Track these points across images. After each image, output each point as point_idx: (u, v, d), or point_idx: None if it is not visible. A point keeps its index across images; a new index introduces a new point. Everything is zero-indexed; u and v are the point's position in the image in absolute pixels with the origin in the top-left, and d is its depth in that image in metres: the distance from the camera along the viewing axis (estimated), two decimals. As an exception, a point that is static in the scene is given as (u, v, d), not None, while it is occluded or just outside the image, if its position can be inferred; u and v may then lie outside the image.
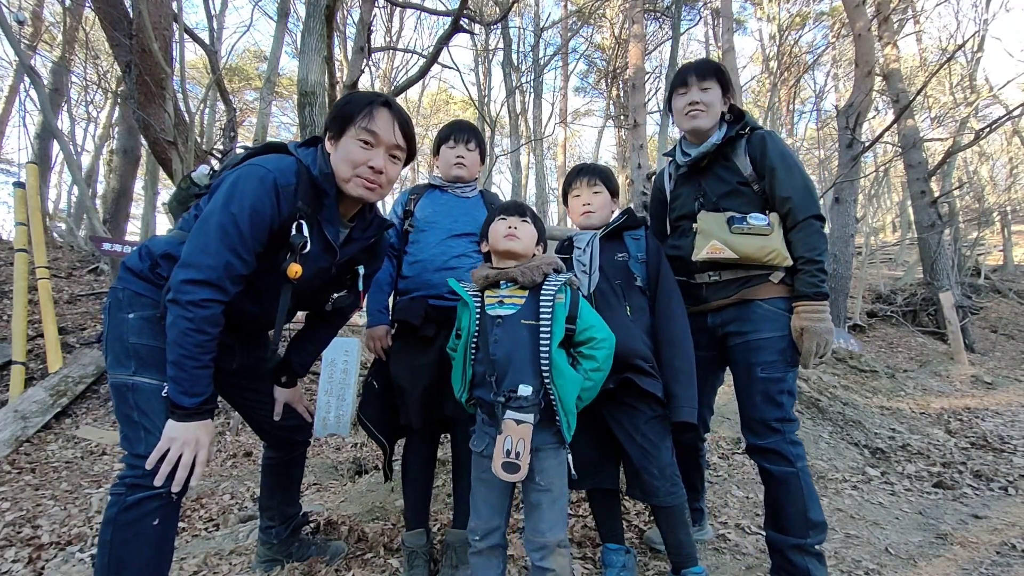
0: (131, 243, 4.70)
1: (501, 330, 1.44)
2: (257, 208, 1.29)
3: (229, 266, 1.27)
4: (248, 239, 1.29)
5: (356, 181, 1.41)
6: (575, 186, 1.95)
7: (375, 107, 1.41)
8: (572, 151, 24.28)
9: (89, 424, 3.90)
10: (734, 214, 1.73)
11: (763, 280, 1.72)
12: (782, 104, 18.68)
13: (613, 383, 1.63)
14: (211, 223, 1.27)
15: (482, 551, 1.46)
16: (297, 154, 1.43)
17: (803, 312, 1.64)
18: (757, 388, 1.69)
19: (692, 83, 1.82)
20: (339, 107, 1.44)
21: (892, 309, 10.51)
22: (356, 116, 1.39)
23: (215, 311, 1.26)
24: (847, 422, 3.82)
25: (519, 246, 1.53)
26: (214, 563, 1.97)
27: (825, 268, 1.65)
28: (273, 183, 1.32)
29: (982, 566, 2.01)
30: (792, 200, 1.67)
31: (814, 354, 1.63)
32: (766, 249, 1.66)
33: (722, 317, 1.80)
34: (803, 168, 1.75)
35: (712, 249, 1.71)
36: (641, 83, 9.10)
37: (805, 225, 1.66)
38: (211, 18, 7.52)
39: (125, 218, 9.07)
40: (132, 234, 12.76)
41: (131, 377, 1.30)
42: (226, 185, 1.32)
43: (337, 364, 3.66)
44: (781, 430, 1.67)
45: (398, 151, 1.46)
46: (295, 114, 7.63)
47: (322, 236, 1.44)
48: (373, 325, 1.96)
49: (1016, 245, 16.98)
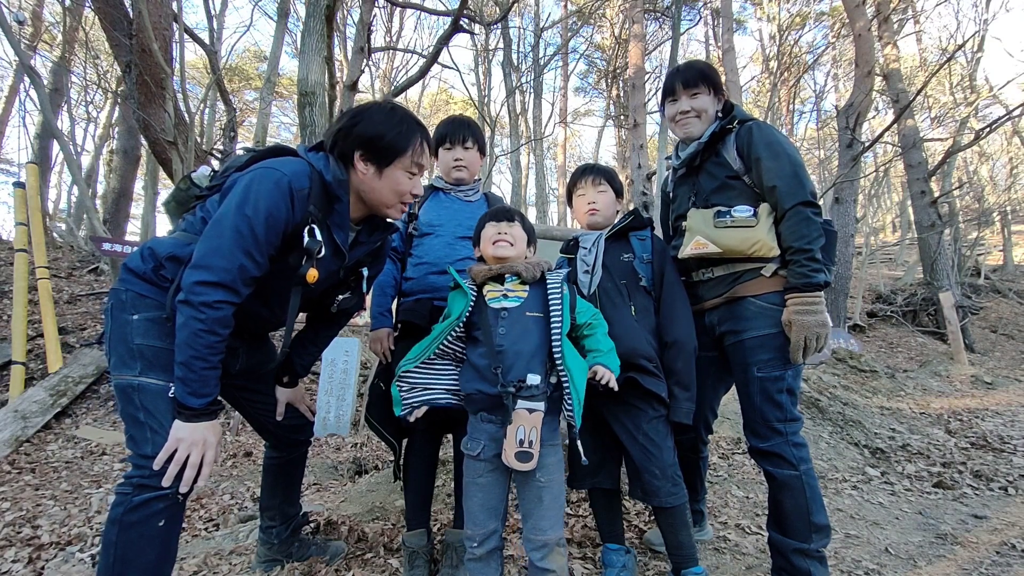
0: (131, 243, 4.70)
1: (507, 322, 1.47)
2: (272, 211, 1.30)
3: (243, 268, 1.28)
4: (262, 242, 1.30)
5: (398, 207, 1.49)
6: (580, 186, 1.95)
7: (418, 139, 1.46)
8: (572, 151, 24.29)
9: (89, 424, 3.90)
10: (721, 208, 1.70)
11: (755, 275, 1.67)
12: (782, 104, 18.66)
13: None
14: (225, 225, 1.28)
15: (480, 556, 1.46)
16: (308, 158, 1.44)
17: (792, 304, 1.58)
18: (755, 388, 1.66)
19: (680, 91, 1.80)
20: (379, 136, 1.42)
21: (892, 309, 10.51)
22: (407, 150, 1.43)
23: (227, 313, 1.27)
24: (847, 422, 3.82)
25: (511, 252, 1.57)
26: (214, 563, 1.97)
27: (816, 256, 1.57)
28: (288, 187, 1.33)
29: (982, 566, 2.01)
30: (778, 188, 1.61)
31: (803, 349, 1.57)
32: (749, 241, 1.62)
33: (717, 316, 1.77)
34: (794, 154, 1.67)
35: (695, 245, 1.69)
36: (641, 83, 9.09)
37: (792, 213, 1.60)
38: (211, 18, 7.52)
39: (125, 218, 9.08)
40: (132, 234, 12.78)
41: (137, 378, 1.31)
42: (240, 187, 1.32)
43: (337, 364, 3.66)
44: (783, 431, 1.63)
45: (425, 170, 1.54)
46: (295, 114, 7.63)
47: (332, 240, 1.45)
48: (376, 328, 1.97)
49: (1016, 245, 16.99)
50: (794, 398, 1.66)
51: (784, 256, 1.63)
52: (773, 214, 1.65)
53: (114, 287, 1.39)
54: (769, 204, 1.66)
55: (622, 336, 1.64)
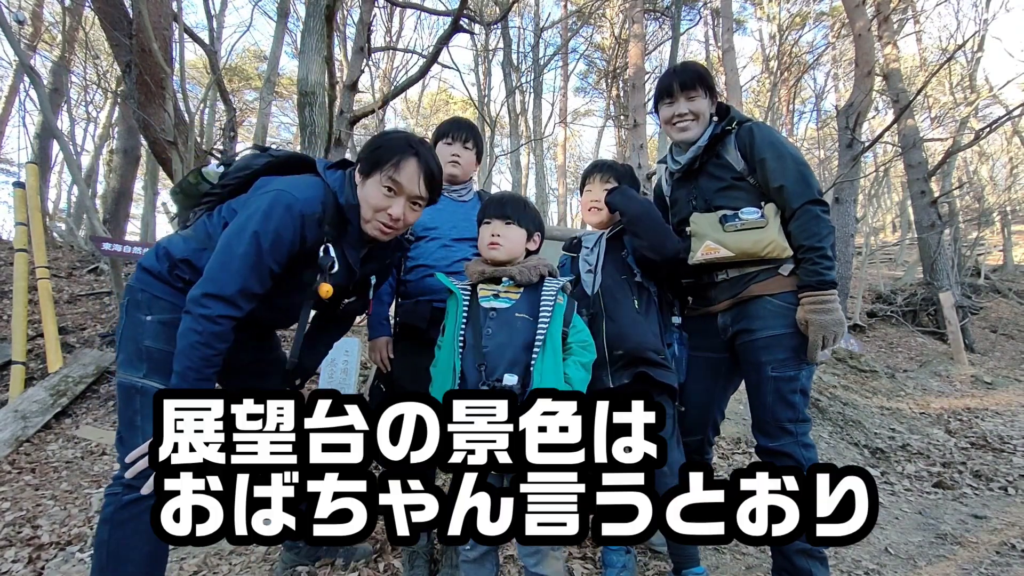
0: (131, 243, 4.70)
1: (495, 323, 1.47)
2: (281, 235, 1.34)
3: (246, 286, 1.31)
4: (268, 264, 1.34)
5: (374, 223, 1.46)
6: (590, 181, 1.95)
7: (405, 158, 1.42)
8: (572, 151, 24.28)
9: (89, 424, 3.90)
10: (726, 212, 1.68)
11: (772, 274, 1.66)
12: (782, 104, 18.67)
13: (628, 377, 1.65)
14: (235, 243, 1.32)
15: (474, 559, 1.46)
16: (325, 176, 1.46)
17: (807, 303, 1.57)
18: (768, 388, 1.63)
19: (677, 93, 1.78)
20: (373, 148, 1.45)
21: (892, 309, 10.50)
22: (384, 163, 1.41)
23: (226, 328, 1.29)
24: (847, 422, 3.82)
25: (502, 254, 1.56)
26: (214, 563, 1.97)
27: (828, 254, 1.57)
28: (300, 214, 1.36)
29: (982, 566, 2.01)
30: (785, 188, 1.61)
31: (820, 347, 1.57)
32: (762, 243, 1.61)
33: (731, 316, 1.74)
34: (797, 153, 1.68)
35: (706, 250, 1.67)
36: (641, 83, 9.09)
37: (801, 212, 1.60)
38: (211, 18, 7.51)
39: (125, 218, 9.08)
40: (132, 234, 12.78)
41: (141, 380, 1.33)
42: (253, 208, 1.36)
43: (337, 364, 3.66)
44: (793, 431, 1.61)
45: (420, 200, 1.48)
46: (295, 114, 7.63)
47: (344, 258, 1.47)
48: (375, 337, 1.98)
49: (1016, 245, 16.98)
50: (806, 399, 1.65)
51: (796, 255, 1.62)
52: (780, 214, 1.65)
53: (129, 284, 1.42)
54: (776, 204, 1.65)
55: (628, 331, 1.65)
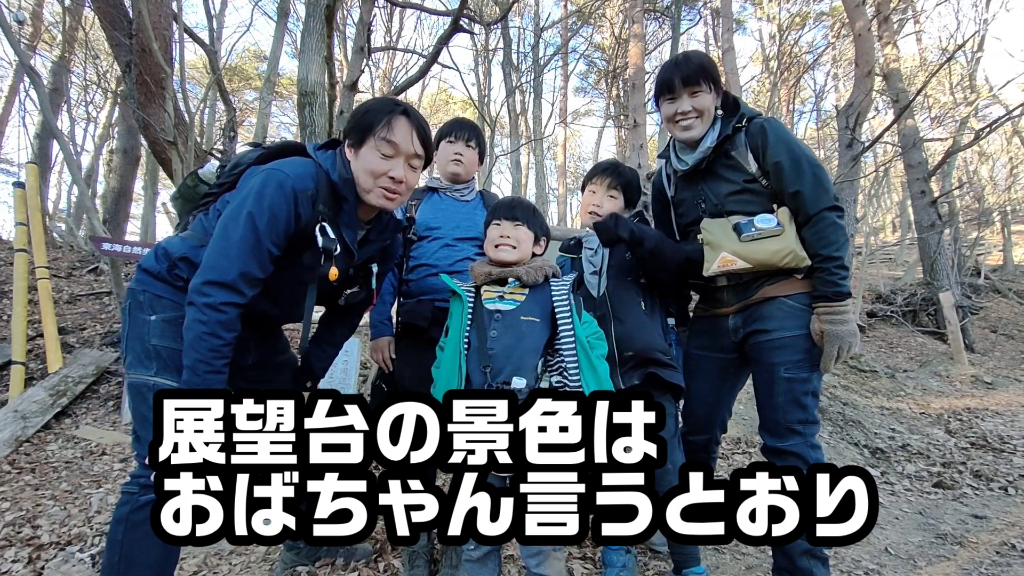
0: (131, 243, 4.69)
1: (500, 324, 1.46)
2: (276, 213, 1.32)
3: (247, 269, 1.29)
4: (266, 244, 1.31)
5: (377, 191, 1.43)
6: (594, 181, 1.93)
7: (394, 116, 1.40)
8: (572, 151, 24.31)
9: (89, 424, 3.90)
10: (740, 219, 1.62)
11: (786, 276, 1.62)
12: (782, 104, 18.65)
13: (638, 378, 1.64)
14: (231, 228, 1.30)
15: (477, 558, 1.46)
16: (316, 157, 1.44)
17: (823, 314, 1.54)
18: (780, 389, 1.60)
19: (679, 89, 1.68)
20: (358, 116, 1.44)
21: (892, 309, 10.49)
22: (376, 126, 1.39)
23: (231, 316, 1.27)
24: (847, 422, 3.82)
25: (512, 256, 1.56)
26: (214, 563, 1.97)
27: (845, 264, 1.52)
28: (292, 190, 1.34)
29: (982, 566, 2.01)
30: (803, 194, 1.55)
31: (835, 359, 1.54)
32: (781, 252, 1.55)
33: (743, 317, 1.69)
34: (811, 155, 1.61)
35: (723, 262, 1.61)
36: (641, 83, 9.09)
37: (818, 219, 1.54)
38: (211, 18, 7.52)
39: (125, 218, 9.08)
40: (132, 234, 12.78)
41: (152, 378, 1.33)
42: (246, 190, 1.34)
43: (337, 364, 3.66)
44: (803, 432, 1.59)
45: (416, 159, 1.47)
46: (295, 114, 7.63)
47: (341, 239, 1.46)
48: (376, 337, 1.98)
49: (1016, 245, 16.97)
50: (817, 400, 1.63)
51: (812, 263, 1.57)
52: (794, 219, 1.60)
53: (130, 287, 1.41)
54: (790, 208, 1.60)
55: (636, 332, 1.65)
